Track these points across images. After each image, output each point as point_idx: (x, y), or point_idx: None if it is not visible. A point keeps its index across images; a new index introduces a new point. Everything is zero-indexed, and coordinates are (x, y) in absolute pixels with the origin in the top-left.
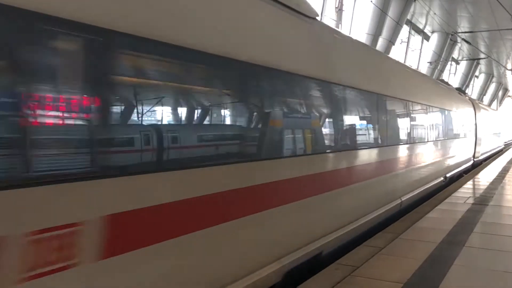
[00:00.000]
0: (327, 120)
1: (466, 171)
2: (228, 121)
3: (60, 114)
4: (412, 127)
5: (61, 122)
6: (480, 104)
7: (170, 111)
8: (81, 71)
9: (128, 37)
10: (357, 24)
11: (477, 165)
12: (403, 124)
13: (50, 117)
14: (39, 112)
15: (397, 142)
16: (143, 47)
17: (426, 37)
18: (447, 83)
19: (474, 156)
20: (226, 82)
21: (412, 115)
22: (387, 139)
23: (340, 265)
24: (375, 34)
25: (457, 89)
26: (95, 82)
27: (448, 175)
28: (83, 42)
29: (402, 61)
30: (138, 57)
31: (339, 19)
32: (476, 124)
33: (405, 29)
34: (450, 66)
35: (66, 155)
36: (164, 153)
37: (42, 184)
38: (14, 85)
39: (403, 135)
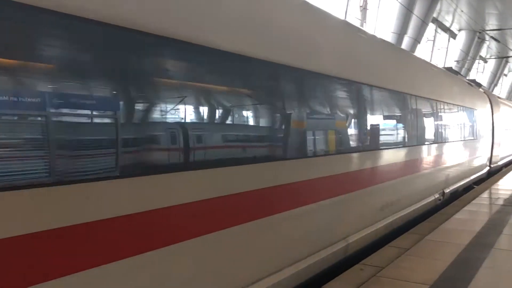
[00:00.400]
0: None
1: (479, 181)
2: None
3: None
4: (398, 126)
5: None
6: (498, 99)
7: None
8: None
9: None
10: (382, 23)
11: (495, 172)
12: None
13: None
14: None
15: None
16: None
17: (453, 35)
18: (456, 72)
19: (490, 162)
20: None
21: (401, 111)
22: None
23: (365, 266)
24: (401, 32)
25: (471, 81)
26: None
27: (447, 190)
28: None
29: (428, 60)
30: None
31: (363, 18)
32: (493, 122)
33: (431, 27)
34: (477, 65)
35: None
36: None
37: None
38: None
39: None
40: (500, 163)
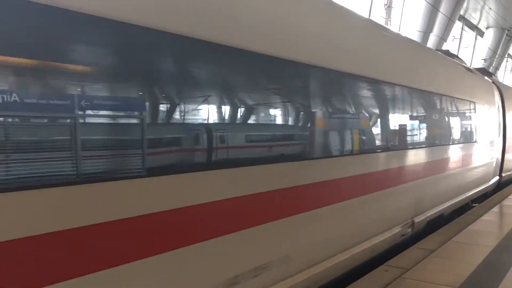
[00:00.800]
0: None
1: (483, 196)
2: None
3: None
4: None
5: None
6: (510, 90)
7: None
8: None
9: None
10: (406, 21)
11: (508, 183)
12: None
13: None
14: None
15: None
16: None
17: (480, 33)
18: (455, 56)
19: (501, 170)
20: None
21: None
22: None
23: (390, 267)
24: (426, 31)
25: (479, 69)
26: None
27: (419, 217)
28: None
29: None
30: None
31: (388, 17)
32: (504, 119)
33: (457, 25)
34: (506, 63)
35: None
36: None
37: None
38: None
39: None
40: None
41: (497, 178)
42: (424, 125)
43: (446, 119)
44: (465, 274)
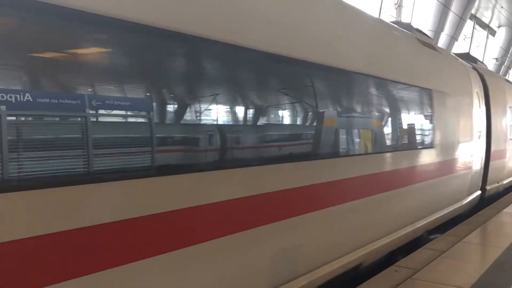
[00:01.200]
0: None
1: (457, 216)
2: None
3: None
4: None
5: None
6: (499, 80)
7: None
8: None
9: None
10: (417, 20)
11: (497, 197)
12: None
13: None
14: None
15: None
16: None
17: (492, 32)
18: (424, 34)
19: (484, 182)
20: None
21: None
22: None
23: (400, 267)
24: (437, 30)
25: (460, 54)
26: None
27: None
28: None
29: None
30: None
31: (398, 16)
32: (489, 115)
33: (469, 24)
34: None
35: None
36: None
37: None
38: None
39: None
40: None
41: (477, 193)
42: (354, 124)
43: (387, 114)
44: (476, 275)
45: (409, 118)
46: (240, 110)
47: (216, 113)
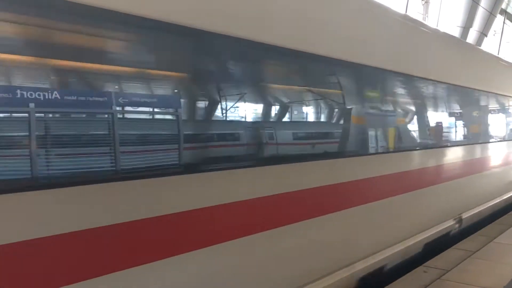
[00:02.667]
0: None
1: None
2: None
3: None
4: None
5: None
6: None
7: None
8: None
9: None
10: (445, 17)
11: None
12: None
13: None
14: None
15: None
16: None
17: None
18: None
19: None
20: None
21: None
22: None
23: (429, 268)
24: (466, 26)
25: None
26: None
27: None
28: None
29: (496, 54)
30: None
31: (425, 12)
32: None
33: (499, 19)
34: None
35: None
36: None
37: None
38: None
39: None
40: None
41: None
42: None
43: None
44: (508, 276)
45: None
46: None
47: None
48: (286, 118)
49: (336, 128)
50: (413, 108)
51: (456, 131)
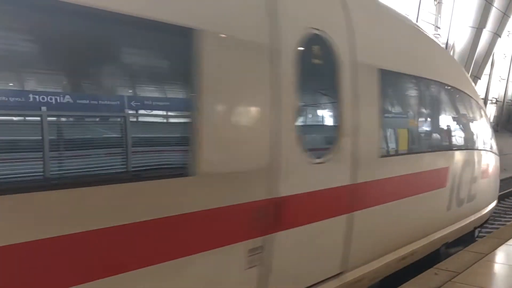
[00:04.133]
0: None
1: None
2: None
3: None
4: None
5: None
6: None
7: None
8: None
9: None
10: (458, 17)
11: None
12: None
13: None
14: None
15: None
16: None
17: None
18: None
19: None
20: None
21: None
22: None
23: (440, 270)
24: (479, 26)
25: None
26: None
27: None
28: None
29: None
30: None
31: (438, 13)
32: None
33: None
34: None
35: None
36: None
37: None
38: None
39: None
40: None
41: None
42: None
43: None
44: None
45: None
46: None
47: None
48: None
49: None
50: None
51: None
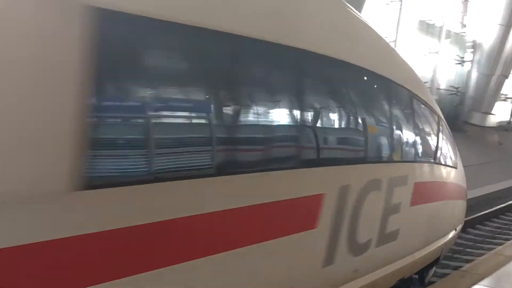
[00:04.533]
0: None
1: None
2: None
3: None
4: None
5: None
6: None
7: None
8: None
9: None
10: (486, 15)
11: None
12: None
13: None
14: None
15: None
16: None
17: None
18: None
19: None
20: None
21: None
22: None
23: (467, 273)
24: (507, 24)
25: None
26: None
27: None
28: None
29: None
30: None
31: (465, 11)
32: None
33: None
34: None
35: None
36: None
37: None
38: None
39: None
40: None
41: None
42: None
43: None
44: None
45: None
46: None
47: None
48: None
49: None
50: None
51: None
